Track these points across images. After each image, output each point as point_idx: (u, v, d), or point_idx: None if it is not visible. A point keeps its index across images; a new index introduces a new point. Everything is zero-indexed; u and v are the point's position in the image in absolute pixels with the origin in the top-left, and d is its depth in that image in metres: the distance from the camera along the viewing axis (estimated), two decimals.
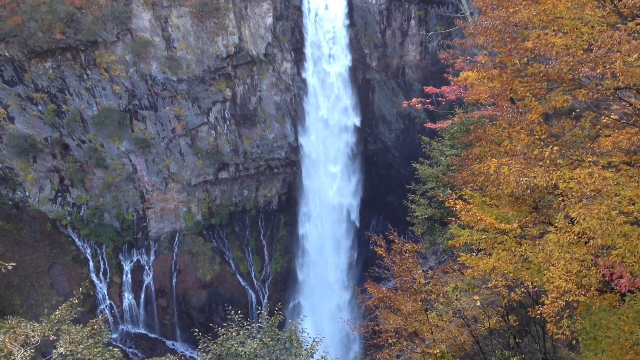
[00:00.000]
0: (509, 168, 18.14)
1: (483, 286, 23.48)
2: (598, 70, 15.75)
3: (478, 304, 25.11)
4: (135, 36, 69.18)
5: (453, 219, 25.87)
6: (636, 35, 15.83)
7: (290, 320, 29.28)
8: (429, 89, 42.56)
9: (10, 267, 21.39)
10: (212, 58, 72.07)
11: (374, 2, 72.50)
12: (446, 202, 22.95)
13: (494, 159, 19.32)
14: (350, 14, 74.09)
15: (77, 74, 71.01)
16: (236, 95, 77.51)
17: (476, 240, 21.05)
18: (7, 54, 67.48)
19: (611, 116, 19.63)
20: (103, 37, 68.00)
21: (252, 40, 72.91)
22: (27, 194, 79.79)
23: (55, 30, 65.40)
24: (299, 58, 76.25)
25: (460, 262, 22.07)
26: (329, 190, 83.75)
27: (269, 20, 71.87)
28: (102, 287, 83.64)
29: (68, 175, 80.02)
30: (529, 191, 18.11)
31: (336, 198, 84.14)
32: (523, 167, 17.81)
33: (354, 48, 76.29)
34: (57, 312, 22.73)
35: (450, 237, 25.25)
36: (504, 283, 20.18)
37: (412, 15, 72.78)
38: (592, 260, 17.36)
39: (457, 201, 21.85)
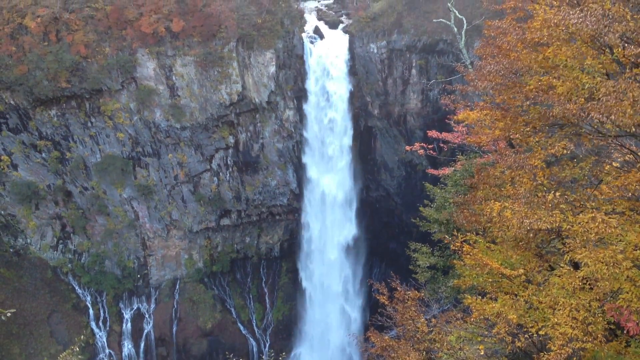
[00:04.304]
0: (512, 211, 18.14)
1: (487, 333, 23.17)
2: (611, 117, 15.85)
3: (482, 352, 24.72)
4: (140, 84, 70.05)
5: (456, 262, 25.70)
6: None
7: None
8: (432, 132, 42.87)
9: (9, 314, 21.10)
10: (215, 106, 72.80)
11: (375, 51, 73.58)
12: (452, 245, 22.86)
13: (497, 203, 19.33)
14: (352, 62, 75.14)
15: (82, 121, 71.62)
16: (239, 143, 78.01)
17: (482, 282, 20.92)
18: (12, 102, 68.21)
19: (613, 164, 19.68)
20: (108, 85, 68.84)
21: (255, 89, 73.77)
22: (29, 241, 79.57)
23: (60, 79, 66.21)
24: (301, 106, 77.03)
25: (466, 304, 21.84)
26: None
27: (272, 69, 72.82)
28: (101, 336, 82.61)
29: (70, 223, 79.94)
30: (531, 235, 18.06)
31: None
32: (526, 209, 17.81)
33: (356, 96, 77.11)
34: None
35: (456, 277, 25.06)
36: (507, 329, 19.93)
37: (413, 64, 73.73)
38: (598, 306, 17.22)
39: (462, 244, 21.77)
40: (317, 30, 76.18)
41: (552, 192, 18.34)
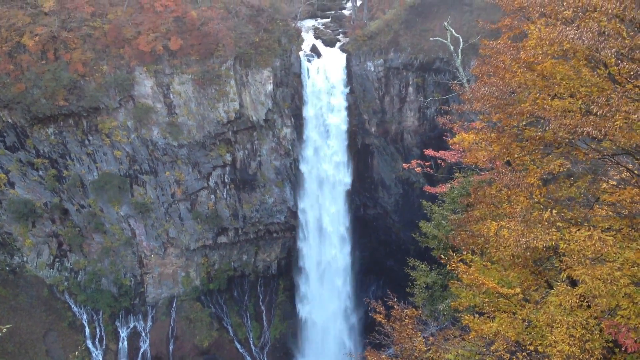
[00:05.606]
0: (509, 230, 18.15)
1: (485, 351, 23.06)
2: (602, 130, 15.94)
3: None
4: (138, 102, 70.16)
5: (452, 283, 25.62)
6: (635, 97, 16.07)
7: None
8: (429, 151, 42.83)
9: (4, 330, 20.98)
10: (212, 124, 72.91)
11: (372, 69, 73.90)
12: (448, 265, 22.81)
13: (493, 222, 19.34)
14: (349, 80, 75.43)
15: (79, 139, 71.59)
16: (236, 160, 78.05)
17: (479, 302, 20.87)
18: (10, 120, 68.22)
19: (609, 182, 19.70)
20: (105, 103, 68.93)
21: (253, 107, 73.95)
22: (25, 259, 79.21)
23: (58, 97, 66.26)
24: (298, 123, 77.18)
25: (464, 324, 21.76)
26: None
27: (269, 87, 73.08)
28: (97, 355, 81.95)
29: (67, 241, 79.61)
30: (528, 253, 18.06)
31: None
32: (523, 228, 17.82)
33: (353, 114, 77.30)
34: None
35: (453, 299, 24.96)
36: (505, 347, 19.85)
37: (410, 82, 74.04)
38: (595, 324, 17.20)
39: (458, 264, 21.73)
40: (314, 49, 76.52)
41: (549, 210, 18.37)
